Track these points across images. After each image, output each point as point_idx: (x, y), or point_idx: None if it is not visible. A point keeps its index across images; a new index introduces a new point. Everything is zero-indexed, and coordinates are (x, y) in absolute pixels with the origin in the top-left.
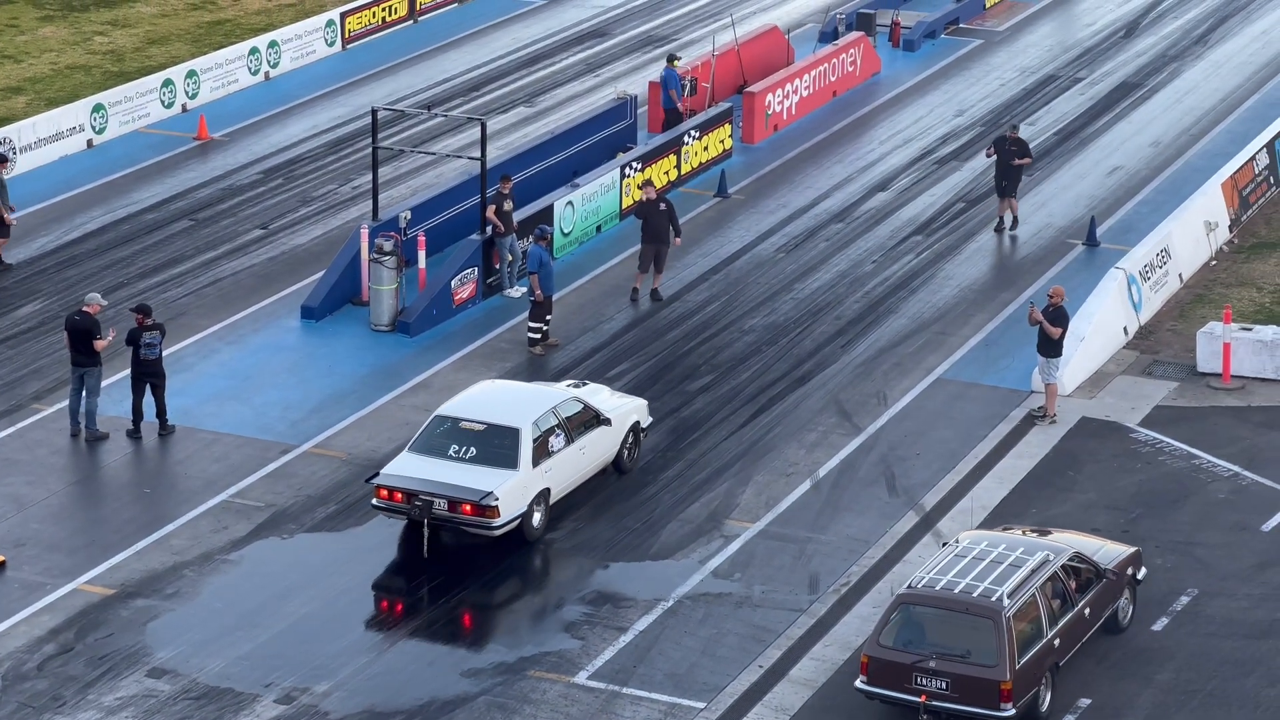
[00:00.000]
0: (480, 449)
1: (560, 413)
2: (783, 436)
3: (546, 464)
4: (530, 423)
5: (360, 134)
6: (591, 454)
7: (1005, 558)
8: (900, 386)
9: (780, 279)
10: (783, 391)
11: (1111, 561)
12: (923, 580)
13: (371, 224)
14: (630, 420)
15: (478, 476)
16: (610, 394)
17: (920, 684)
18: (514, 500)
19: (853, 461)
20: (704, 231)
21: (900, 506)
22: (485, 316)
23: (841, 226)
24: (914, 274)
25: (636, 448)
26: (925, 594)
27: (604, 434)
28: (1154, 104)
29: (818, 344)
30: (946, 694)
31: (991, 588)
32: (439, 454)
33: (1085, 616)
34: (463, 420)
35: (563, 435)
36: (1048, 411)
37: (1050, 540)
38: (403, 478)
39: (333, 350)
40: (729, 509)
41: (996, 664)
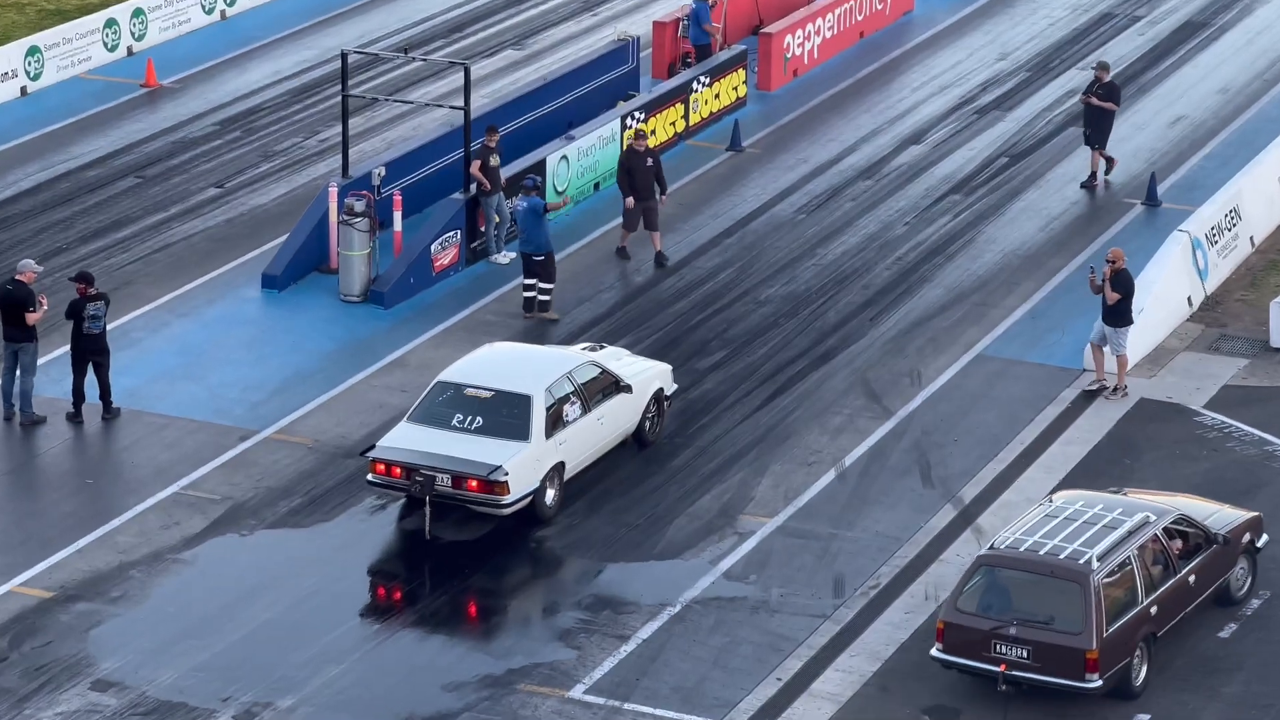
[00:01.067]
0: (487, 419)
1: (576, 378)
2: (804, 420)
3: (561, 435)
4: (543, 389)
5: (328, 80)
6: (610, 424)
7: (1100, 518)
8: (936, 364)
9: (801, 243)
10: (804, 370)
11: (1225, 527)
12: (1007, 540)
13: (341, 182)
14: (653, 387)
15: (485, 449)
16: (631, 358)
17: (999, 652)
18: (525, 475)
19: (882, 449)
20: (715, 189)
21: (936, 499)
22: (469, 285)
23: (870, 184)
24: (951, 238)
25: (660, 418)
26: (1007, 555)
27: (624, 402)
28: (1222, 45)
29: (843, 316)
30: (1027, 663)
31: (1081, 550)
32: (441, 424)
33: (1190, 585)
34: (467, 387)
35: (579, 403)
36: (1119, 385)
37: (1154, 501)
38: (401, 450)
39: (297, 323)
40: (743, 502)
41: (1081, 631)
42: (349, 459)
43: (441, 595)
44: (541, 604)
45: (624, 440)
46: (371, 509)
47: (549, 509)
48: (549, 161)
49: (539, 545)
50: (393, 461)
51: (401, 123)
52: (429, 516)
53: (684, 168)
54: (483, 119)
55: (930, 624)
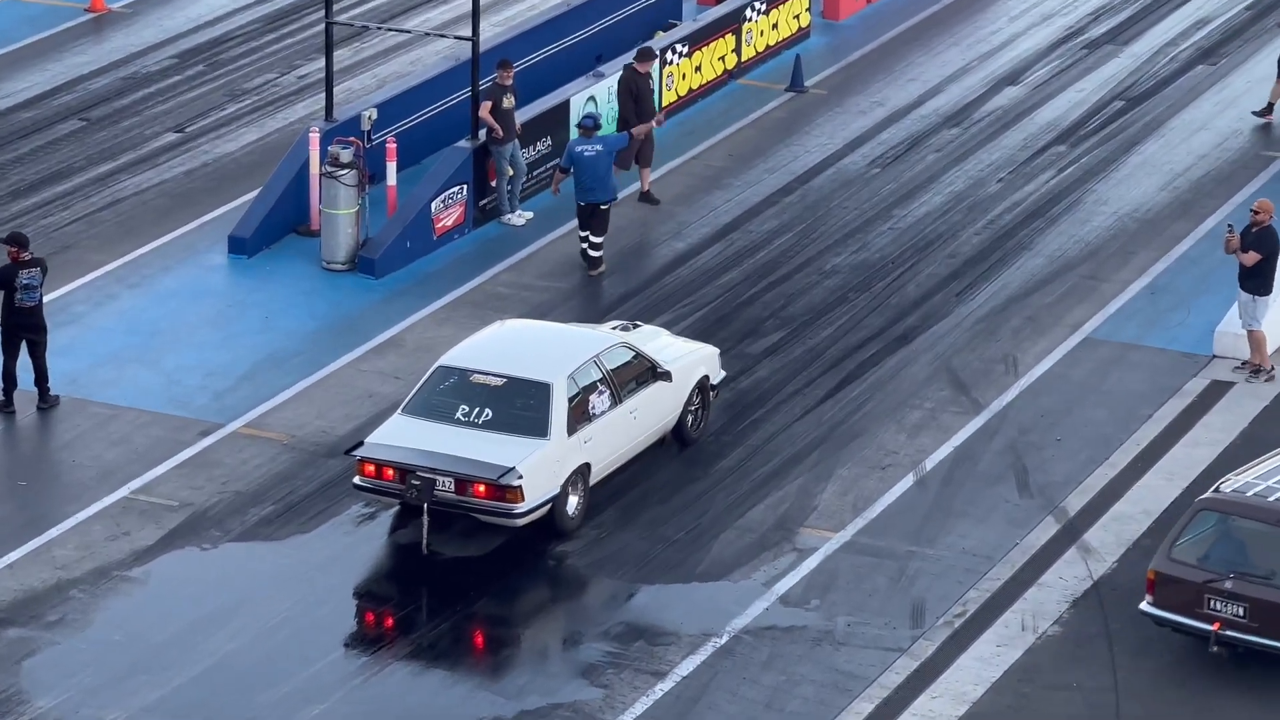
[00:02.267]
0: (499, 411)
1: (605, 363)
2: (876, 416)
3: (586, 431)
4: (565, 376)
5: (309, 5)
6: (646, 418)
7: None
8: (1035, 349)
9: (874, 203)
10: (877, 355)
11: None
12: (1233, 485)
13: (324, 126)
14: (697, 374)
15: (495, 447)
16: (670, 339)
17: (1212, 609)
18: (543, 478)
19: (971, 450)
20: (771, 138)
21: (1034, 511)
22: (477, 251)
23: (957, 133)
24: (1055, 197)
25: (705, 411)
26: (1230, 500)
27: (662, 392)
28: None
29: (924, 291)
30: (1243, 622)
31: None
32: (443, 417)
33: None
34: (475, 372)
35: (608, 393)
36: (1261, 365)
37: None
38: (395, 448)
39: (271, 296)
40: (803, 513)
41: None
42: (332, 458)
43: (442, 622)
44: (561, 633)
45: (662, 438)
46: (358, 518)
47: (571, 519)
48: (573, 103)
49: (559, 563)
50: (384, 461)
51: (397, 56)
52: (427, 527)
53: (735, 112)
54: (494, 52)
55: (1027, 659)
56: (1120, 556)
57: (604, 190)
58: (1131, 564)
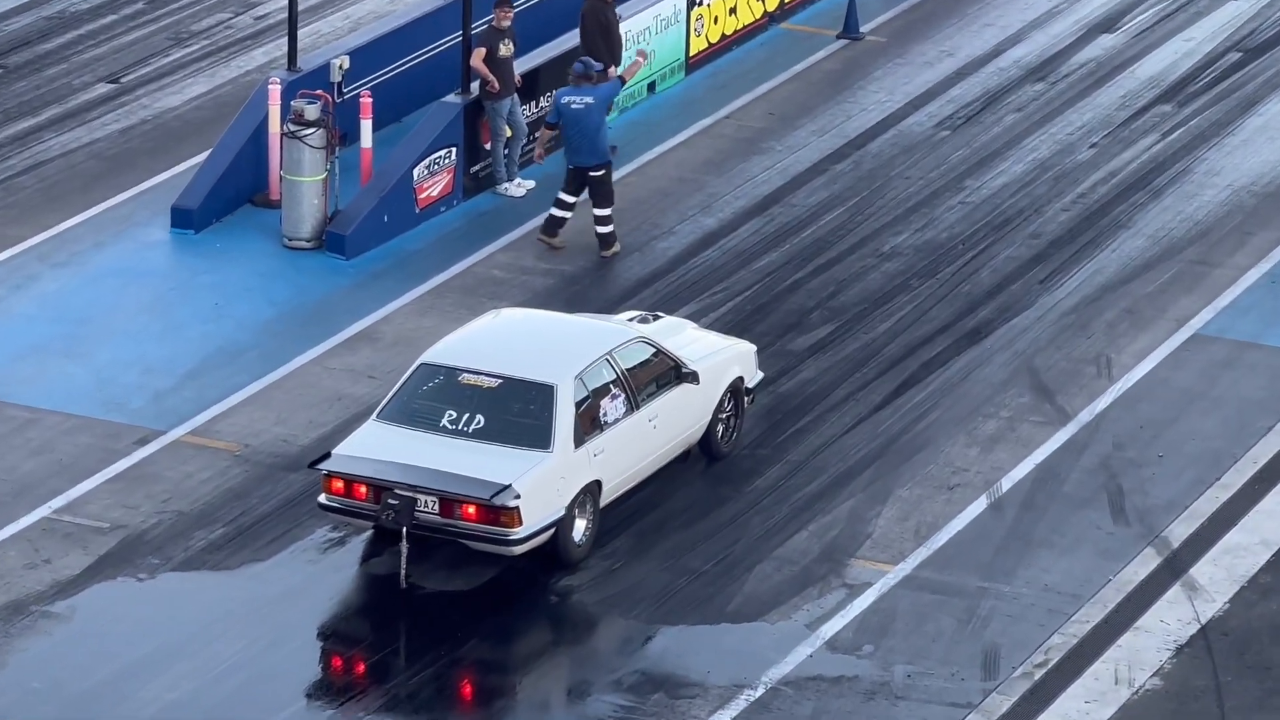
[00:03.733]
0: (492, 417)
1: (619, 362)
2: (943, 426)
3: (596, 442)
4: (572, 377)
5: None
6: (668, 428)
7: None
8: (1134, 348)
9: (942, 172)
10: (944, 353)
11: None
12: None
13: (286, 77)
14: (729, 375)
15: (488, 460)
16: (698, 333)
17: None
18: (545, 498)
19: (1056, 468)
20: (821, 94)
21: (1131, 540)
22: (468, 226)
23: (1042, 89)
24: (1158, 166)
25: (738, 419)
26: None
27: (687, 396)
28: None
29: (1001, 277)
30: None
31: None
32: (426, 425)
33: None
34: (465, 371)
35: (623, 397)
36: None
37: None
38: (369, 461)
39: (222, 279)
40: (855, 542)
41: None
42: (294, 473)
43: (423, 669)
44: (565, 683)
45: (686, 450)
46: (324, 544)
47: (578, 547)
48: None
49: (563, 599)
50: (356, 477)
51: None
52: (405, 556)
53: (776, 62)
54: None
55: (1122, 718)
56: (1233, 596)
57: (594, 151)
58: (1246, 605)
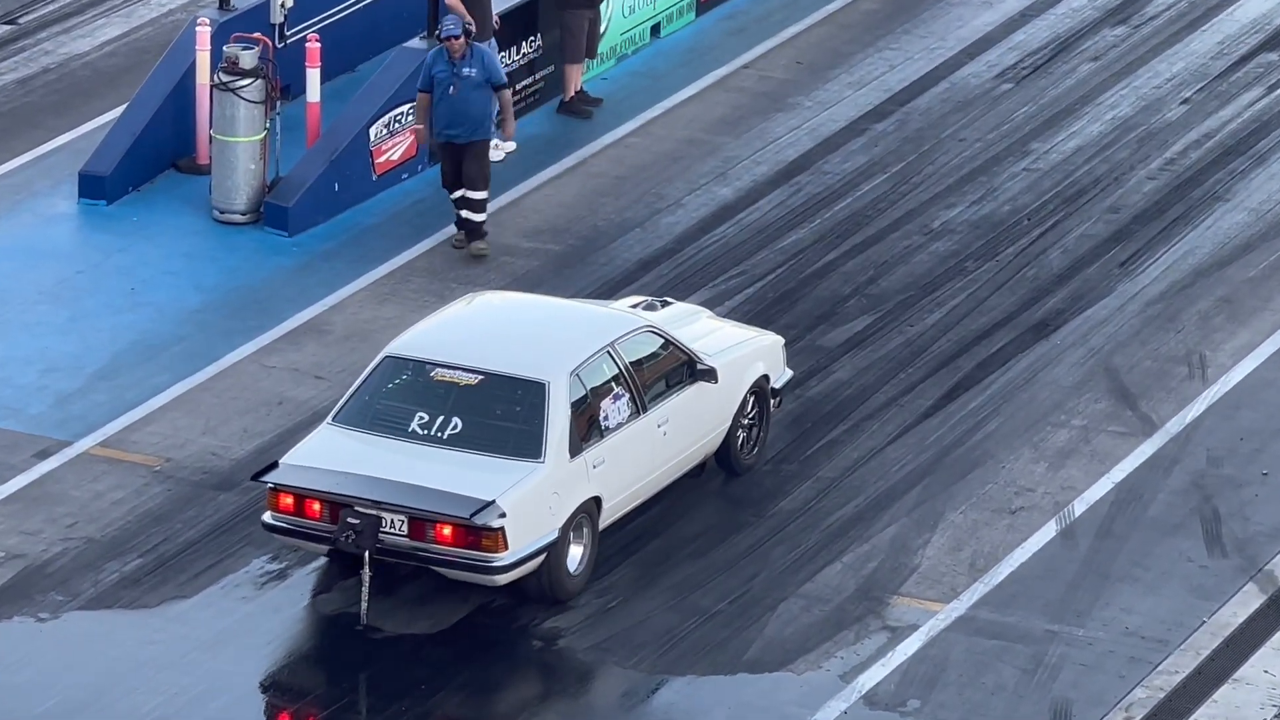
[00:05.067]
0: (472, 421)
1: (623, 355)
2: (1004, 437)
3: (596, 451)
4: (566, 373)
5: None
6: (680, 435)
7: None
8: (1232, 345)
9: (1003, 133)
10: (1005, 350)
11: None
12: None
13: (217, 16)
14: (752, 373)
15: (467, 472)
16: (714, 322)
17: None
18: (535, 518)
19: (1139, 486)
20: (857, 39)
21: (1230, 575)
22: (435, 197)
23: (1124, 34)
24: (1262, 126)
25: (763, 426)
26: None
27: (703, 397)
28: None
29: (1074, 260)
30: None
31: None
32: (391, 430)
33: None
34: (438, 366)
35: (626, 397)
36: None
37: None
38: (324, 473)
39: (140, 259)
40: (899, 575)
41: None
42: (226, 491)
43: None
44: None
45: (702, 462)
46: (263, 577)
47: (573, 578)
48: None
49: (550, 644)
50: (309, 491)
51: None
52: (368, 587)
53: (805, 1)
54: None
55: None
56: None
57: (471, 120)
58: None
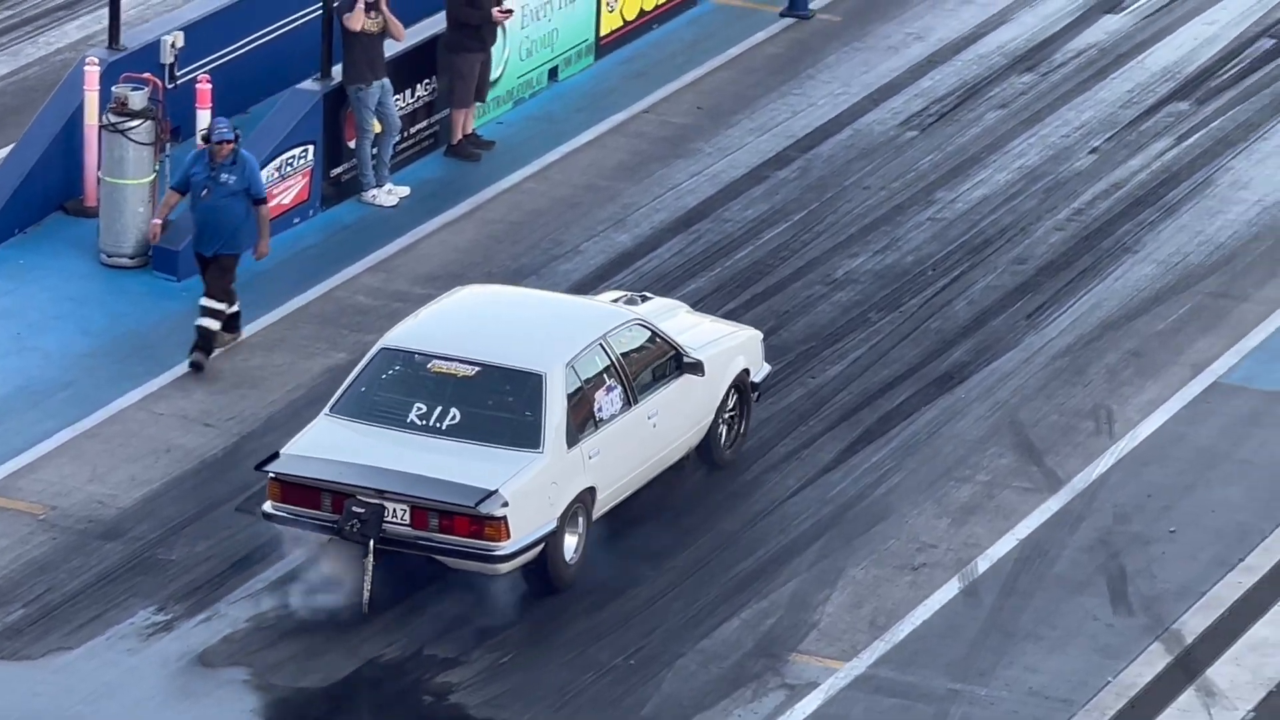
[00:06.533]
0: (469, 413)
1: (614, 347)
2: (907, 492)
3: (591, 442)
4: (563, 364)
5: None
6: (669, 426)
7: None
8: (1140, 399)
9: (909, 181)
10: (909, 403)
11: None
12: None
13: (106, 56)
14: (733, 367)
15: (467, 463)
16: (693, 316)
17: None
18: (535, 507)
19: (1044, 543)
20: (760, 84)
21: (1136, 634)
22: (327, 242)
23: (1032, 81)
24: (1172, 177)
25: (744, 419)
26: None
27: (690, 389)
28: None
29: (980, 310)
30: None
31: None
32: (389, 420)
33: None
34: (434, 357)
35: (619, 389)
36: None
37: None
38: (327, 463)
39: (24, 302)
40: (798, 632)
41: None
42: (111, 541)
43: None
44: None
45: (685, 455)
46: (148, 629)
47: (568, 567)
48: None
49: (439, 700)
50: (312, 480)
51: None
52: (370, 575)
53: (707, 44)
54: None
55: None
56: (1259, 703)
57: (225, 237)
58: (1275, 712)
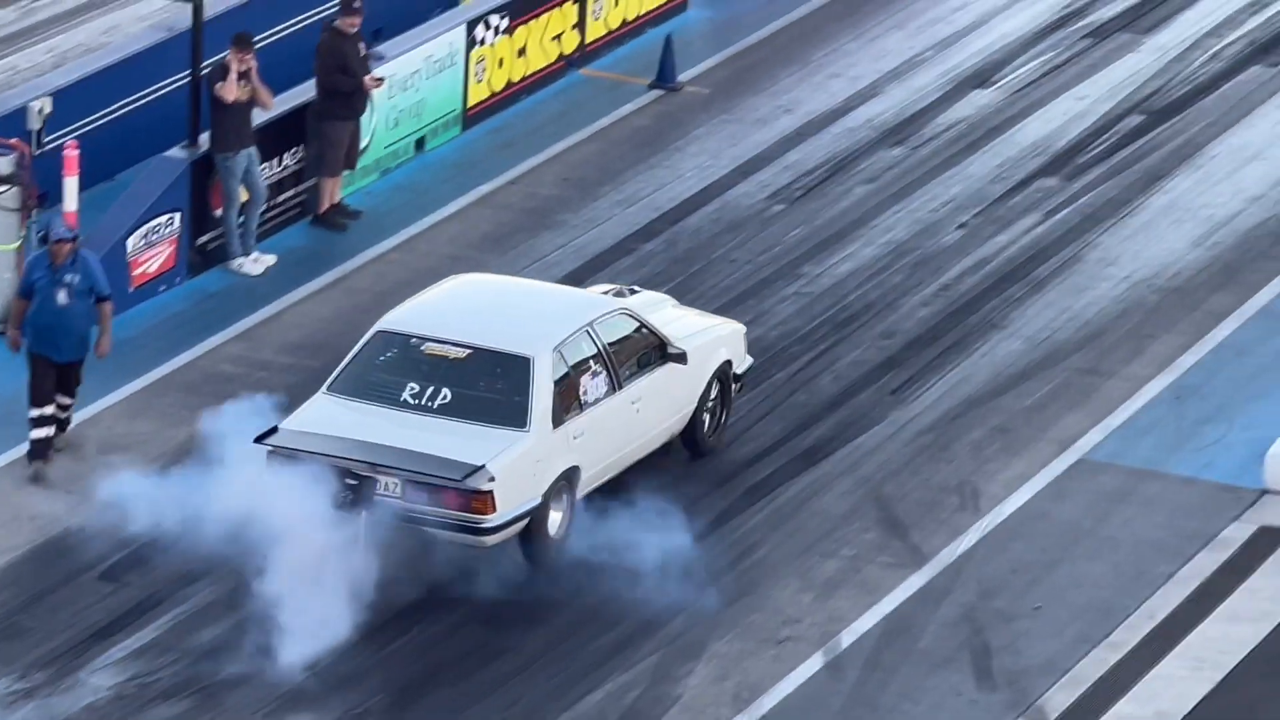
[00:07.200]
0: (460, 393)
1: (600, 335)
2: (771, 566)
3: (576, 423)
4: (550, 349)
5: None
6: (651, 412)
7: None
8: (1006, 475)
9: (776, 255)
10: (774, 477)
11: None
12: None
13: None
14: (716, 358)
15: (456, 440)
16: (679, 310)
17: None
18: (521, 483)
19: (909, 619)
20: (628, 156)
21: (1000, 710)
22: (194, 310)
23: (900, 155)
24: (1040, 253)
25: (725, 409)
26: None
27: (674, 378)
28: None
29: (846, 384)
30: None
31: None
32: (383, 399)
33: None
34: (428, 340)
35: (604, 375)
36: None
37: None
38: (323, 437)
39: None
40: (660, 706)
41: None
42: None
43: None
44: None
45: (668, 441)
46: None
47: (553, 542)
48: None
49: None
50: (308, 454)
51: (83, 21)
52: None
53: (575, 116)
54: (228, 20)
55: None
56: None
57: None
58: None
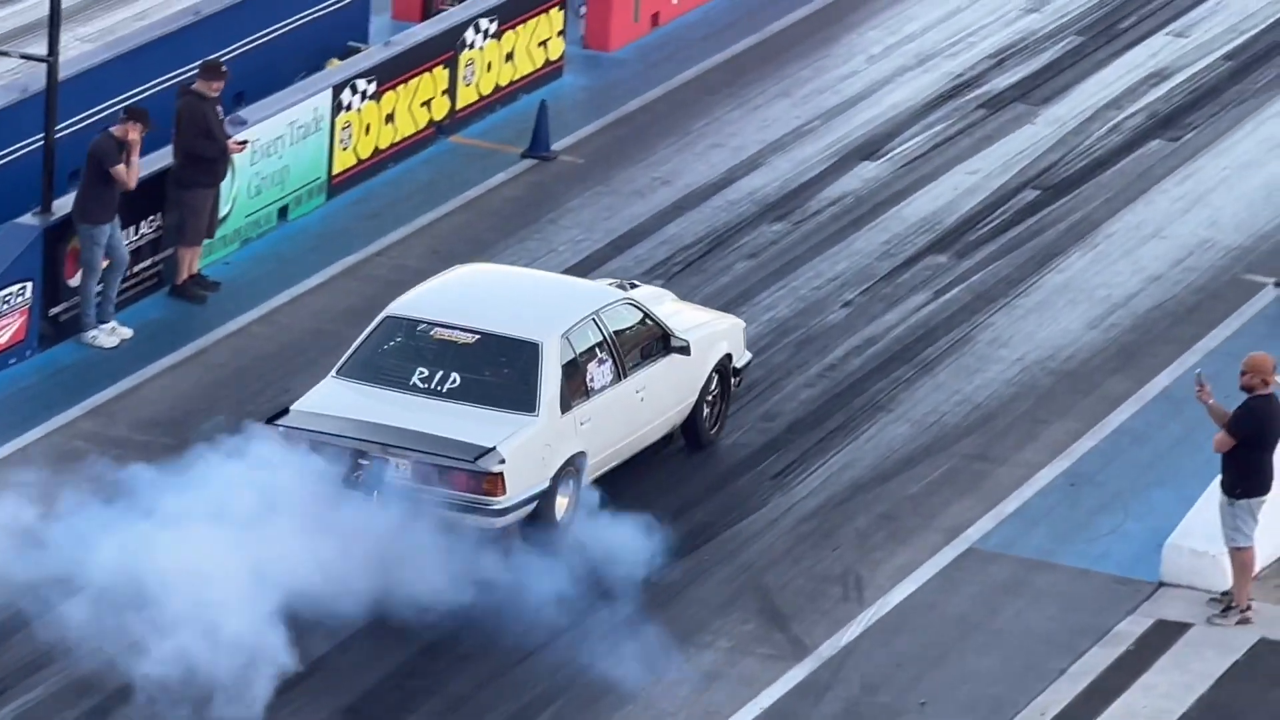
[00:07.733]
0: (469, 377)
1: (606, 324)
2: (646, 657)
3: (583, 409)
4: (558, 335)
5: None
6: (655, 401)
7: None
8: (891, 564)
9: None
10: None
11: None
12: None
13: None
14: (716, 352)
15: (466, 423)
16: (679, 304)
17: None
18: (530, 466)
19: (788, 713)
20: (498, 229)
21: None
22: (45, 384)
23: (783, 230)
24: (929, 333)
25: (725, 402)
26: None
27: (676, 369)
28: None
29: (726, 469)
30: None
31: None
32: (392, 383)
33: None
34: (437, 325)
35: (610, 363)
36: (1235, 602)
37: None
38: (334, 419)
39: None
40: None
41: None
42: None
43: None
44: None
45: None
46: None
47: (560, 524)
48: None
49: None
50: (321, 435)
51: None
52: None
53: (444, 186)
54: (84, 80)
55: None
56: None
57: None
58: None
